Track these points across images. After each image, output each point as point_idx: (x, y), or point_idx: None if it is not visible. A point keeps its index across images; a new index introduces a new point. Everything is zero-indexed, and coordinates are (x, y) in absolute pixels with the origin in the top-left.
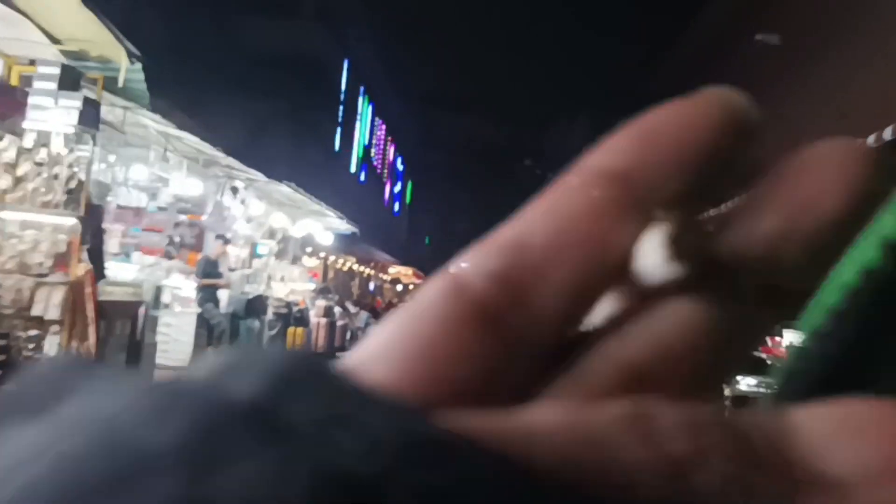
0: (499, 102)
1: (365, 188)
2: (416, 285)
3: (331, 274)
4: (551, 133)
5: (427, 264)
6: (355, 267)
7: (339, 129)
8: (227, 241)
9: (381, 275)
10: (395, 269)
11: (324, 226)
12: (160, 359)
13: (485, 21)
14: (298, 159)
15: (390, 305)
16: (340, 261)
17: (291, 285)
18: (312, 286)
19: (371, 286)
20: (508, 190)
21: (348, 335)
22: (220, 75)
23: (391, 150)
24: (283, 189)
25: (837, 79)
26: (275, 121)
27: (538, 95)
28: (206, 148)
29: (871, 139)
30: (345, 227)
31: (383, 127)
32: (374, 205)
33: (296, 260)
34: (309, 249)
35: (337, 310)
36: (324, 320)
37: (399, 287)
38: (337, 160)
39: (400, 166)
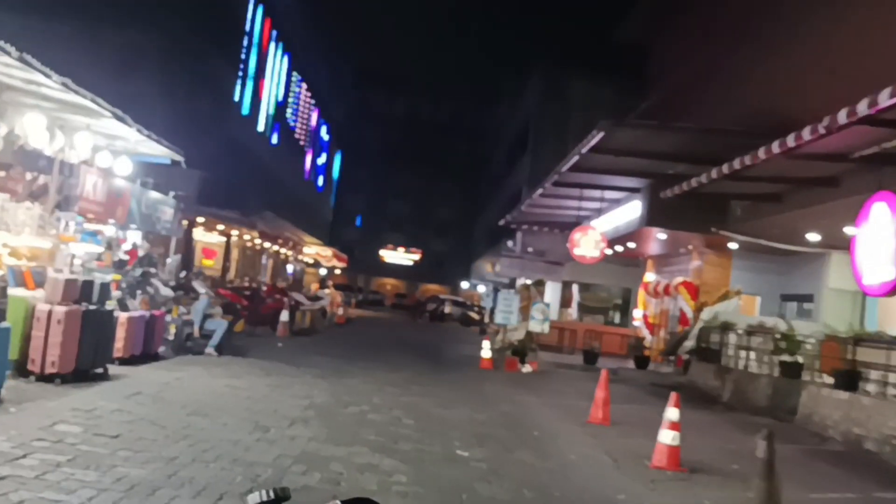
0: (438, 77)
1: (277, 153)
2: (340, 269)
3: (234, 253)
4: (494, 112)
5: (357, 247)
6: (260, 244)
7: (239, 74)
8: None
9: (299, 256)
10: (314, 250)
11: (108, 143)
12: None
13: None
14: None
15: (275, 290)
16: (247, 237)
17: (7, 240)
18: (90, 248)
19: (290, 269)
20: (450, 169)
21: (174, 332)
22: None
23: (314, 116)
24: None
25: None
26: None
27: (481, 72)
28: None
29: (863, 104)
30: (159, 150)
31: (304, 86)
32: (290, 174)
33: (75, 203)
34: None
35: (164, 291)
36: (61, 309)
37: (323, 271)
38: (235, 111)
39: (325, 135)
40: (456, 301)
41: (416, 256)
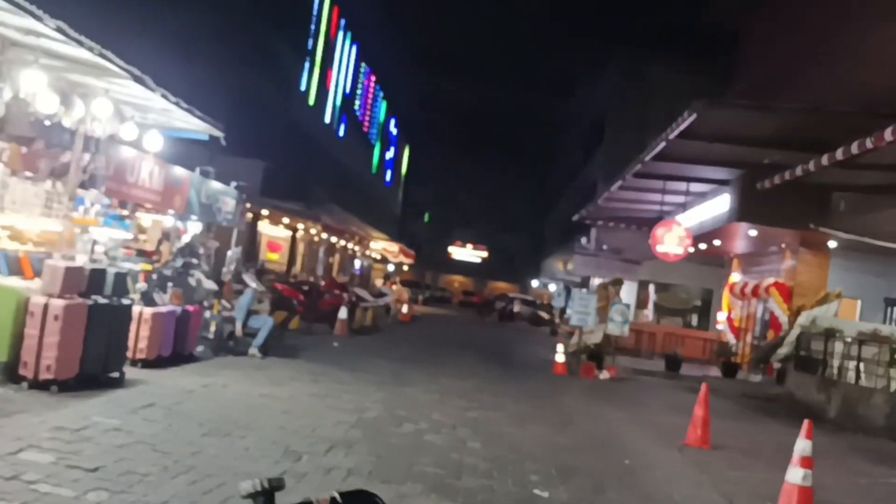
0: (509, 66)
1: (344, 145)
2: (407, 265)
3: (300, 247)
4: (567, 102)
5: (425, 242)
6: (327, 238)
7: (307, 62)
8: None
9: (366, 251)
10: (381, 245)
11: (138, 115)
12: None
13: None
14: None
15: (335, 285)
16: (313, 230)
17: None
18: (116, 233)
19: (357, 265)
20: (521, 163)
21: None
22: None
23: (383, 108)
24: None
25: None
26: None
27: (554, 58)
28: None
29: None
30: (194, 124)
31: (373, 78)
32: (358, 167)
33: (102, 182)
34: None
35: (207, 283)
36: (59, 303)
37: (391, 267)
38: (301, 100)
39: (394, 129)
40: (525, 300)
41: (484, 254)
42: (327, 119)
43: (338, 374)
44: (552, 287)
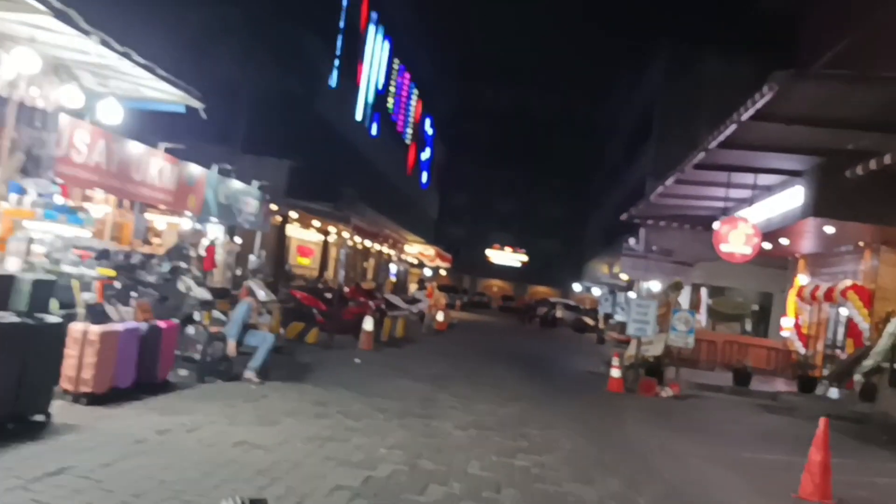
0: (548, 64)
1: (377, 144)
2: (444, 269)
3: (333, 251)
4: (608, 101)
5: (462, 246)
6: (360, 241)
7: (336, 57)
8: None
9: (402, 255)
10: (417, 249)
11: (96, 82)
12: None
13: None
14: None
15: (360, 292)
16: (346, 234)
17: None
18: (64, 230)
19: (392, 269)
20: (560, 165)
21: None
22: None
23: (417, 107)
24: None
25: None
26: None
27: (595, 54)
28: None
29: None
30: (165, 90)
31: (407, 75)
32: (391, 168)
33: (50, 166)
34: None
35: (198, 291)
36: None
37: (428, 272)
38: (330, 97)
39: (429, 129)
40: (568, 305)
41: (524, 257)
42: (358, 117)
43: (351, 403)
44: (596, 291)
